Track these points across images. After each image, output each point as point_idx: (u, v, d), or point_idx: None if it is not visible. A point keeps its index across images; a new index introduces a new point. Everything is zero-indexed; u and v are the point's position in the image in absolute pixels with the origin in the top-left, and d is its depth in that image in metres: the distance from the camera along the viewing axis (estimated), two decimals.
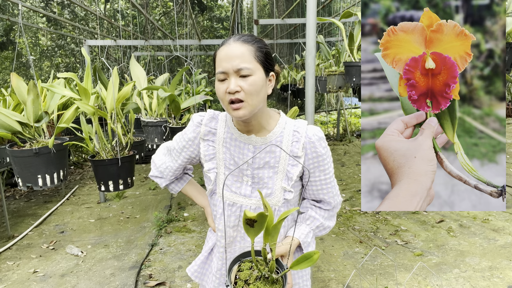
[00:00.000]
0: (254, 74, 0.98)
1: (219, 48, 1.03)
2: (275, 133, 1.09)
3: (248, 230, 0.82)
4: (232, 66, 0.97)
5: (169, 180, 1.24)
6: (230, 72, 0.98)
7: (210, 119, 1.15)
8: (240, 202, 1.12)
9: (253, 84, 0.98)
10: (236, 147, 1.10)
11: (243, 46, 1.00)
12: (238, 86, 0.97)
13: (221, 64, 0.99)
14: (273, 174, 1.10)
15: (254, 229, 0.81)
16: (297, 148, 1.08)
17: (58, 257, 3.15)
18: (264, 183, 1.11)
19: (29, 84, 1.92)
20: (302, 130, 1.10)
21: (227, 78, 0.99)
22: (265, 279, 0.87)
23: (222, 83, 1.00)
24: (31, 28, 9.08)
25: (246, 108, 0.99)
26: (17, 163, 1.92)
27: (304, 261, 0.85)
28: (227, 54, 0.99)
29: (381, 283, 2.61)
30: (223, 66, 0.98)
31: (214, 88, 5.11)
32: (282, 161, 1.09)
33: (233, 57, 0.97)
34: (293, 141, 1.09)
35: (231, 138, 1.12)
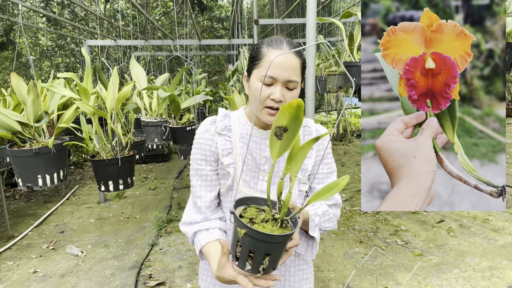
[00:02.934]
0: (297, 87, 1.01)
1: (268, 48, 1.02)
2: None
3: (273, 145, 0.75)
4: (284, 77, 0.98)
5: (205, 218, 1.10)
6: (280, 81, 0.98)
7: (223, 116, 1.15)
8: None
9: (294, 97, 1.00)
10: (253, 142, 1.10)
11: (296, 59, 1.01)
12: (282, 96, 0.99)
13: (273, 69, 0.98)
14: None
15: (281, 143, 0.74)
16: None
17: (58, 257, 3.15)
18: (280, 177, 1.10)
19: (29, 84, 1.92)
20: (311, 125, 1.15)
21: (273, 84, 0.99)
22: (273, 220, 0.80)
23: (267, 87, 1.00)
24: (31, 28, 9.08)
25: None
26: (17, 163, 1.92)
27: (329, 191, 0.75)
28: (282, 63, 0.98)
29: (381, 283, 2.61)
30: (275, 73, 0.98)
31: (214, 88, 4.98)
32: None
33: (288, 68, 0.98)
34: (305, 134, 1.13)
35: (248, 134, 1.13)
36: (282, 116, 0.72)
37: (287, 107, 0.72)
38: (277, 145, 0.75)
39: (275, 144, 0.75)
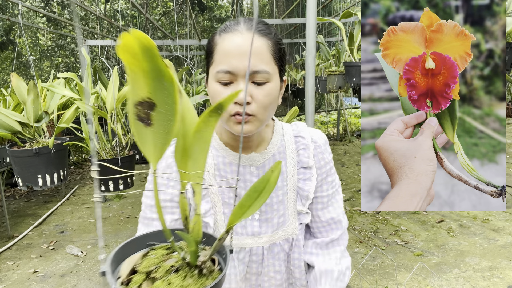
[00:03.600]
0: (271, 81, 0.74)
1: (221, 34, 0.75)
2: (275, 144, 0.87)
3: (142, 137, 0.43)
4: (245, 67, 0.71)
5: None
6: (240, 74, 0.71)
7: None
8: (248, 245, 0.85)
9: (269, 95, 0.73)
10: (234, 173, 0.83)
11: (261, 39, 0.73)
12: (250, 95, 0.72)
13: (227, 59, 0.71)
14: (283, 196, 0.86)
15: (153, 131, 0.43)
16: (306, 156, 0.88)
17: (58, 257, 3.15)
18: (274, 211, 0.85)
19: (29, 84, 1.91)
20: (306, 134, 0.90)
21: (233, 82, 0.72)
22: (187, 268, 0.50)
23: (225, 87, 0.73)
24: (31, 28, 9.08)
25: (254, 123, 0.75)
26: (17, 163, 1.92)
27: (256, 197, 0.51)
28: (238, 47, 0.71)
29: (381, 283, 2.61)
30: (230, 64, 0.71)
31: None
32: (290, 176, 0.87)
33: (247, 53, 0.71)
34: (299, 148, 0.88)
35: (224, 162, 0.83)
36: (135, 79, 0.39)
37: (130, 53, 0.38)
38: (148, 137, 0.43)
39: (144, 135, 0.43)
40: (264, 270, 0.87)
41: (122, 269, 0.51)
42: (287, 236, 0.87)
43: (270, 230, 0.85)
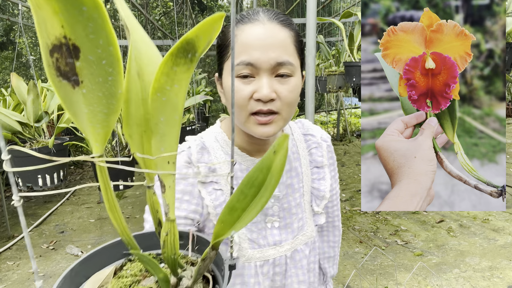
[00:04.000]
0: (295, 75, 0.68)
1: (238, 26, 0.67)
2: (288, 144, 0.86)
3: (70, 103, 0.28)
4: (270, 59, 0.63)
5: None
6: (263, 68, 0.64)
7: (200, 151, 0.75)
8: (271, 256, 0.78)
9: (293, 91, 0.67)
10: None
11: (284, 30, 0.67)
12: (274, 91, 0.64)
13: (247, 51, 0.64)
14: (300, 198, 0.82)
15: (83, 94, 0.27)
16: (320, 156, 0.85)
17: (58, 257, 3.15)
18: (293, 215, 0.81)
19: (29, 84, 1.92)
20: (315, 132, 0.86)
21: (255, 76, 0.65)
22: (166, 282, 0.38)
23: (244, 82, 0.65)
24: (31, 28, 9.07)
25: (278, 123, 0.68)
26: (17, 163, 1.92)
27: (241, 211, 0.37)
28: (262, 39, 0.64)
29: (381, 283, 2.61)
30: (252, 56, 0.63)
31: (214, 88, 4.99)
32: (305, 177, 0.83)
33: (273, 45, 0.64)
34: (311, 147, 0.85)
35: (241, 169, 0.76)
36: (39, 7, 0.25)
37: None
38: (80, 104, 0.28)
39: (74, 102, 0.28)
40: (287, 282, 0.82)
41: None
42: (307, 240, 0.84)
43: (291, 236, 0.80)
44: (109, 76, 0.27)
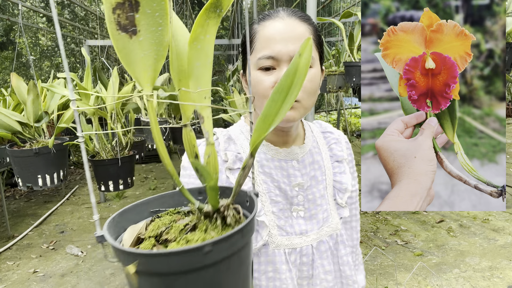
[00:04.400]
0: (314, 66, 0.74)
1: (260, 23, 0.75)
2: (309, 139, 0.88)
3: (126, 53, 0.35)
4: (289, 51, 0.69)
5: None
6: (284, 60, 0.70)
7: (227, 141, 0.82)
8: (298, 245, 0.80)
9: (313, 80, 0.73)
10: (278, 169, 0.80)
11: (303, 25, 0.74)
12: None
13: (269, 45, 0.71)
14: (323, 190, 0.86)
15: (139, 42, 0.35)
16: (340, 150, 0.90)
17: (58, 257, 3.15)
18: (318, 206, 0.85)
19: (29, 84, 1.91)
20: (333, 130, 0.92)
21: (276, 68, 0.71)
22: (207, 219, 0.43)
23: (266, 74, 0.71)
24: (31, 28, 9.08)
25: (299, 110, 0.74)
26: (17, 163, 1.92)
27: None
28: (282, 33, 0.71)
29: (381, 283, 2.61)
30: (273, 49, 0.70)
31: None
32: (327, 171, 0.88)
33: (293, 39, 0.70)
34: (331, 143, 0.90)
35: (267, 158, 0.81)
36: None
37: None
38: (136, 51, 0.35)
39: (130, 51, 0.35)
40: (315, 272, 0.84)
41: (125, 239, 0.43)
42: (332, 232, 0.86)
43: (316, 226, 0.83)
44: (159, 26, 0.34)
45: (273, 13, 0.75)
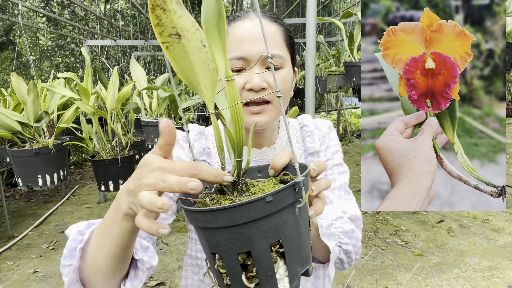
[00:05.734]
0: (285, 66, 0.72)
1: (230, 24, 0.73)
2: (282, 138, 0.85)
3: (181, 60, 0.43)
4: (259, 51, 0.68)
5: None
6: (254, 60, 0.69)
7: (199, 134, 0.81)
8: None
9: (284, 81, 0.72)
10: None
11: (272, 25, 0.72)
12: (265, 81, 0.68)
13: (239, 46, 0.69)
14: None
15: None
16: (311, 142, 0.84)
17: (58, 257, 3.15)
18: None
19: (29, 84, 1.91)
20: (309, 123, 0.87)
21: (246, 68, 0.70)
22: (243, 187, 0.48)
23: (237, 75, 0.70)
24: (31, 28, 9.07)
25: (271, 112, 0.72)
26: (17, 163, 1.92)
27: None
28: (250, 32, 0.69)
29: (381, 283, 2.61)
30: (243, 50, 0.68)
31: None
32: None
33: (261, 38, 0.68)
34: (305, 136, 0.86)
35: None
36: None
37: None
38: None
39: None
40: None
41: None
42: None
43: None
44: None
45: (243, 14, 0.73)
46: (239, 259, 0.42)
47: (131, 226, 0.49)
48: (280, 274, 0.42)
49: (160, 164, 0.42)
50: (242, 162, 0.48)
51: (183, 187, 0.39)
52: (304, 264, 0.45)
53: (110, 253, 0.52)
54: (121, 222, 0.48)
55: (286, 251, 0.42)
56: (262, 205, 0.39)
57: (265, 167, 0.55)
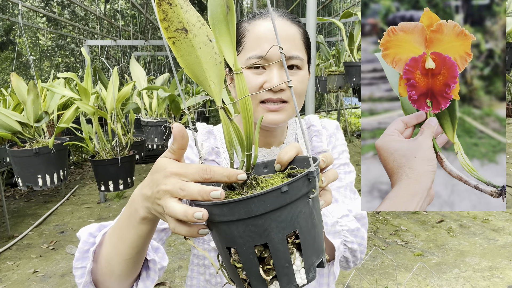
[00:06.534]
0: (303, 68, 0.73)
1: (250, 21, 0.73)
2: (290, 138, 0.86)
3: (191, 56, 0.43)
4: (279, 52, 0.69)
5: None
6: (274, 60, 0.69)
7: (207, 134, 0.81)
8: None
9: (302, 82, 0.73)
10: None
11: (293, 26, 0.73)
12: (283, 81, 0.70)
13: (260, 44, 0.69)
14: None
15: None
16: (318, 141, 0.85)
17: (58, 257, 3.15)
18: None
19: (29, 84, 1.91)
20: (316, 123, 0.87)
21: (265, 68, 0.70)
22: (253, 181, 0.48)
23: (257, 73, 0.70)
24: (31, 28, 9.07)
25: (287, 112, 0.72)
26: (17, 163, 1.92)
27: None
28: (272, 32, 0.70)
29: (381, 283, 2.61)
30: (263, 49, 0.68)
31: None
32: None
33: (282, 39, 0.69)
34: (312, 136, 0.86)
35: None
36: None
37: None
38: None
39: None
40: None
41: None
42: None
43: None
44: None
45: (263, 12, 0.73)
46: (255, 251, 0.41)
47: (148, 229, 0.50)
48: (296, 265, 0.42)
49: (174, 170, 0.43)
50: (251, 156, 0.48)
51: (206, 196, 0.40)
52: (319, 255, 0.45)
53: (126, 255, 0.53)
54: (138, 226, 0.50)
55: (302, 241, 0.42)
56: (278, 196, 0.40)
57: (270, 162, 0.55)
